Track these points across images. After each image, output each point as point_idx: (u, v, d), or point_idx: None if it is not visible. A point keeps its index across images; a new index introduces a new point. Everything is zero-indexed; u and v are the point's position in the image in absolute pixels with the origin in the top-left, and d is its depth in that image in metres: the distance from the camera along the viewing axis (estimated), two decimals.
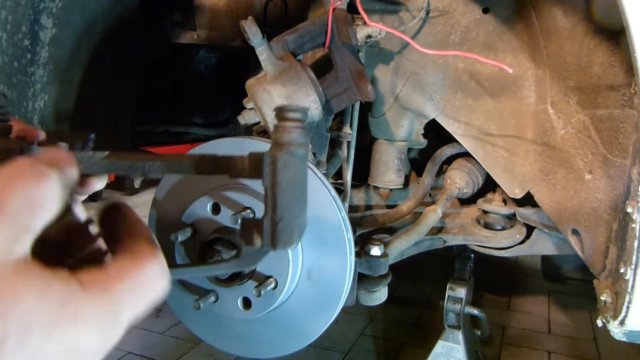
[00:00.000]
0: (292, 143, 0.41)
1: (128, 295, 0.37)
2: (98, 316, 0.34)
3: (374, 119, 1.44)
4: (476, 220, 1.51)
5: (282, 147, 0.41)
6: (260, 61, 1.01)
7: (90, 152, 0.44)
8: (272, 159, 0.41)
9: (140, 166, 0.44)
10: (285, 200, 0.42)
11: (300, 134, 0.42)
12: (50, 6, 1.08)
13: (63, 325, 0.32)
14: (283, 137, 0.41)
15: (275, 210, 0.42)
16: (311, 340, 0.98)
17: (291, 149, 0.41)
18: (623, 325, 0.92)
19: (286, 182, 0.41)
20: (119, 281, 0.37)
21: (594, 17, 1.03)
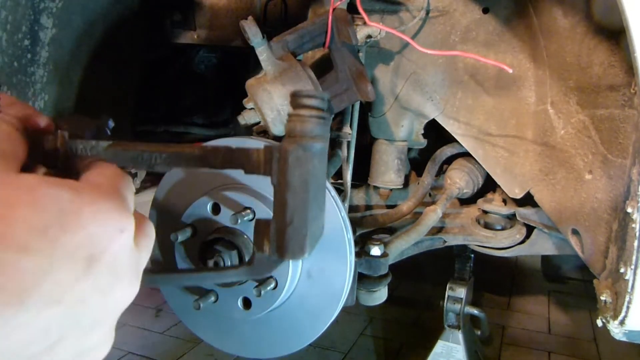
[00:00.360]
0: (307, 135, 0.36)
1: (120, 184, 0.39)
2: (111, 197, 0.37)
3: (374, 119, 1.44)
4: (476, 220, 1.51)
5: (295, 140, 0.36)
6: (260, 61, 1.01)
7: (93, 141, 0.41)
8: (282, 153, 0.36)
9: (146, 157, 0.41)
10: (296, 202, 0.36)
11: (318, 124, 0.36)
12: (50, 6, 1.08)
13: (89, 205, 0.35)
14: (296, 127, 0.36)
15: (284, 213, 0.36)
16: (311, 340, 0.98)
17: (305, 142, 0.36)
18: (623, 325, 0.92)
19: (298, 180, 0.36)
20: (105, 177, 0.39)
21: (594, 17, 1.03)
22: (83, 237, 0.34)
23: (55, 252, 0.32)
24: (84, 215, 0.34)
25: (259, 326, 0.99)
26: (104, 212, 0.36)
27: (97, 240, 0.35)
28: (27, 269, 0.30)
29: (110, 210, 0.36)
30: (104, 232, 0.35)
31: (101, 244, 0.35)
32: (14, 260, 0.30)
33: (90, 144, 0.41)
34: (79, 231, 0.33)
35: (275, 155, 0.36)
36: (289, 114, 0.37)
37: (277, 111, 1.00)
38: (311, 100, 0.37)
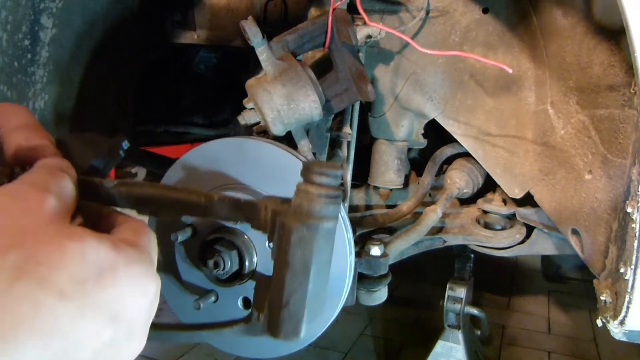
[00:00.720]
0: (314, 215, 0.32)
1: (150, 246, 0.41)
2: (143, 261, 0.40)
3: (374, 119, 1.44)
4: (476, 220, 1.51)
5: (301, 218, 0.32)
6: (260, 61, 1.01)
7: (98, 180, 0.41)
8: (285, 230, 0.33)
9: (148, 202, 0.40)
10: (295, 284, 0.33)
11: (328, 204, 0.33)
12: (50, 6, 1.07)
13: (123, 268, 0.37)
14: (303, 205, 0.33)
15: (281, 293, 0.33)
16: (311, 340, 0.98)
17: (311, 222, 0.32)
18: (623, 325, 0.92)
19: (299, 262, 0.33)
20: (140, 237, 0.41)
21: (594, 17, 1.03)
22: (113, 294, 0.36)
23: (86, 303, 0.35)
24: (119, 274, 0.37)
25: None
26: (135, 275, 0.38)
27: (124, 299, 0.37)
28: (59, 314, 0.33)
29: (140, 274, 0.39)
30: (131, 293, 0.38)
31: (126, 304, 0.37)
32: (50, 304, 0.33)
33: (95, 184, 0.41)
34: (111, 289, 0.36)
35: (277, 229, 0.33)
36: (297, 187, 0.34)
37: (277, 111, 1.00)
38: (323, 178, 0.34)
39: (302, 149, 1.07)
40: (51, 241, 0.34)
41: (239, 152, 0.94)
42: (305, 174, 0.34)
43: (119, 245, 0.38)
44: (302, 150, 1.06)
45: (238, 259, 0.92)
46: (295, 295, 0.33)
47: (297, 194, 0.33)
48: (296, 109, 0.99)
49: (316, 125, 1.16)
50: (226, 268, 0.90)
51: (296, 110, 0.99)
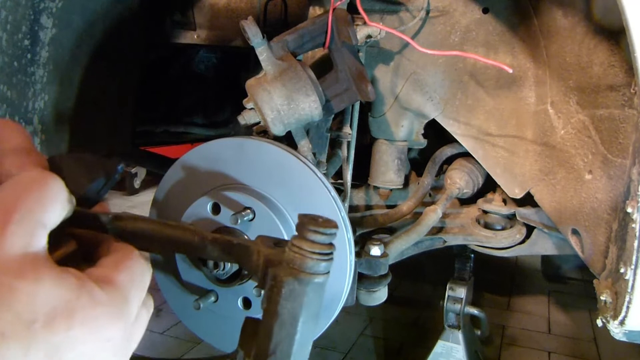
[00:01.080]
0: (307, 271, 0.33)
1: (129, 284, 0.39)
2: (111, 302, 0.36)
3: (374, 119, 1.44)
4: (476, 220, 1.51)
5: (293, 272, 0.33)
6: (260, 61, 1.01)
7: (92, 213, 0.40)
8: (277, 282, 0.33)
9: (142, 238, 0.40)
10: (282, 335, 0.34)
11: (321, 262, 0.33)
12: (50, 6, 1.08)
13: (82, 310, 0.34)
14: (296, 260, 0.33)
15: (269, 342, 0.34)
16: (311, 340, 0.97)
17: (303, 278, 0.33)
18: (623, 325, 0.92)
19: (288, 314, 0.34)
20: (118, 273, 0.39)
21: (594, 17, 1.03)
22: (63, 339, 0.33)
23: (31, 346, 0.32)
24: (75, 317, 0.34)
25: None
26: (96, 318, 0.35)
27: (80, 345, 0.34)
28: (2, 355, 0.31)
29: (103, 317, 0.36)
30: (90, 338, 0.35)
31: (83, 350, 0.34)
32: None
33: (91, 216, 0.40)
34: (63, 333, 0.33)
35: (268, 280, 0.34)
36: (291, 240, 0.34)
37: (277, 111, 1.00)
38: (317, 236, 0.33)
39: (302, 149, 1.07)
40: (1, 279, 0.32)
41: (239, 152, 0.94)
42: (299, 229, 0.34)
43: (84, 284, 0.35)
44: (302, 150, 1.06)
45: None
46: (282, 345, 0.34)
47: (290, 248, 0.33)
48: (296, 109, 0.99)
49: (316, 125, 1.16)
50: (226, 268, 0.90)
51: (296, 110, 0.99)
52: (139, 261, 0.41)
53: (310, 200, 0.93)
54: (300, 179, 0.93)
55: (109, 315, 0.36)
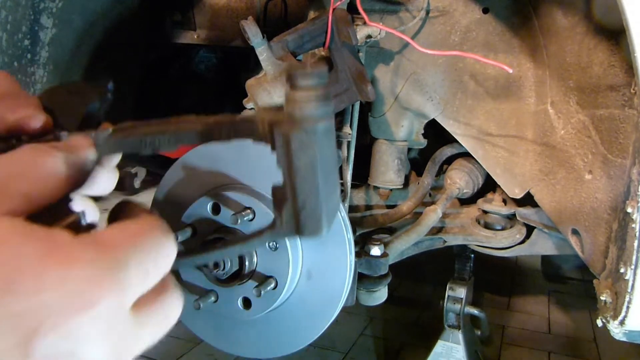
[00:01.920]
0: (309, 119, 0.33)
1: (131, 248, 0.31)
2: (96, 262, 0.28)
3: (374, 119, 1.44)
4: (476, 220, 1.51)
5: (296, 125, 0.33)
6: (260, 61, 1.01)
7: (92, 132, 0.38)
8: (285, 138, 0.33)
9: (149, 141, 0.39)
10: (307, 187, 0.35)
11: (319, 104, 0.33)
12: (50, 6, 1.08)
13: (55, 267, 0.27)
14: (295, 112, 0.33)
15: (296, 199, 0.35)
16: (311, 340, 0.98)
17: (308, 126, 0.33)
18: (623, 325, 0.92)
19: (305, 165, 0.34)
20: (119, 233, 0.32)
21: (594, 17, 1.03)
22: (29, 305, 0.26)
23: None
24: (45, 278, 0.27)
25: (259, 326, 0.99)
26: (72, 279, 0.27)
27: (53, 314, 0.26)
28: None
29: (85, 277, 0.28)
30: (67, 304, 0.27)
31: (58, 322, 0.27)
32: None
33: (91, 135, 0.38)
34: (26, 298, 0.26)
35: (277, 139, 0.34)
36: (286, 96, 0.33)
37: None
38: (308, 80, 0.33)
39: None
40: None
41: (239, 152, 0.94)
42: (290, 80, 0.33)
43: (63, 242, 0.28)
44: None
45: (238, 259, 0.92)
46: (310, 197, 0.35)
47: (287, 103, 0.33)
48: None
49: None
50: (226, 268, 0.90)
51: None
52: (155, 228, 0.33)
53: None
54: None
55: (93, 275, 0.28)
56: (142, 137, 0.39)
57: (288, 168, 0.34)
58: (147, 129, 0.39)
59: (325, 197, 0.36)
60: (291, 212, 0.36)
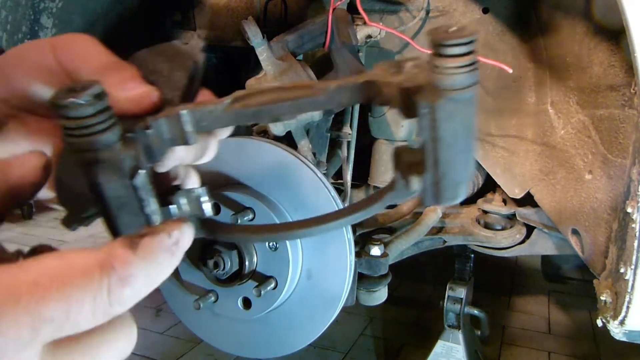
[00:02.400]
0: (457, 87, 0.32)
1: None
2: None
3: (374, 119, 1.44)
4: (476, 220, 1.51)
5: (444, 93, 0.32)
6: (260, 61, 1.01)
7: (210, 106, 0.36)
8: (431, 109, 0.32)
9: (268, 111, 0.37)
10: (449, 156, 0.34)
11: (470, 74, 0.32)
12: (50, 6, 1.08)
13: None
14: (444, 81, 0.32)
15: (437, 167, 0.35)
16: (311, 340, 0.98)
17: (456, 95, 0.32)
18: (623, 325, 0.92)
19: (449, 135, 0.33)
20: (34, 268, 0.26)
21: (594, 17, 1.03)
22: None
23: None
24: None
25: (259, 326, 0.99)
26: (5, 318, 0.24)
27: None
28: None
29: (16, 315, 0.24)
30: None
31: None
32: None
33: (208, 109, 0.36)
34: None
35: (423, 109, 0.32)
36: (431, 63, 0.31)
37: None
38: (459, 49, 0.31)
39: (302, 149, 1.07)
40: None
41: (239, 152, 0.94)
42: (436, 46, 0.31)
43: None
44: (302, 150, 1.06)
45: (238, 259, 0.92)
46: (451, 165, 0.34)
47: (433, 70, 0.32)
48: None
49: (316, 125, 1.16)
50: (226, 268, 0.90)
51: None
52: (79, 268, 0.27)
53: (310, 200, 0.93)
54: (300, 179, 0.93)
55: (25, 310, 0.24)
56: (260, 106, 0.37)
57: (433, 136, 0.33)
58: (265, 97, 0.37)
59: (465, 165, 0.35)
60: (431, 180, 0.35)
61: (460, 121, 0.33)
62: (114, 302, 0.27)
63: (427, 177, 0.35)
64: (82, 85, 0.31)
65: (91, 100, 0.31)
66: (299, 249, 0.92)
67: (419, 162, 0.36)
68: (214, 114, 0.36)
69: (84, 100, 0.31)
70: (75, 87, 0.31)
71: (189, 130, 0.36)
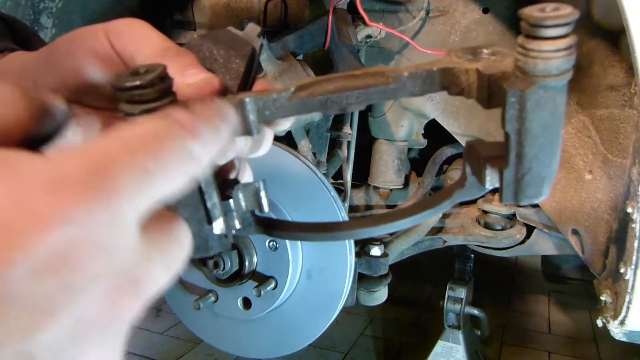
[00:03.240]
0: (551, 74, 0.29)
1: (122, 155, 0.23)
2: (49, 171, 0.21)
3: (374, 119, 1.44)
4: (476, 220, 1.51)
5: (537, 80, 0.29)
6: (260, 61, 1.01)
7: (274, 94, 0.34)
8: (520, 97, 0.29)
9: (335, 100, 0.35)
10: (536, 149, 0.31)
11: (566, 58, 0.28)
12: (50, 6, 1.08)
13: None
14: (537, 65, 0.28)
15: (522, 161, 0.32)
16: (311, 340, 0.98)
17: (548, 82, 0.29)
18: (623, 325, 0.92)
19: (538, 126, 0.30)
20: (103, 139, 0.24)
21: (594, 17, 1.03)
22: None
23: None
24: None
25: (259, 326, 0.99)
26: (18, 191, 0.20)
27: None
28: None
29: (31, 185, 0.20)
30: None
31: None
32: None
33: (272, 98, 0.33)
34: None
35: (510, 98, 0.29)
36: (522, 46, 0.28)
37: None
38: (560, 30, 0.28)
39: (302, 149, 1.07)
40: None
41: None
42: (529, 29, 0.28)
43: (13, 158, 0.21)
44: (302, 150, 1.06)
45: (238, 259, 0.92)
46: (537, 159, 0.32)
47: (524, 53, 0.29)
48: None
49: (316, 125, 1.16)
50: (226, 268, 0.90)
51: None
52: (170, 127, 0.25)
53: (310, 200, 0.93)
54: (300, 179, 0.93)
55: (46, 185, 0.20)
56: (327, 95, 0.35)
57: (520, 127, 0.31)
58: (333, 85, 0.35)
59: (552, 159, 0.32)
60: (514, 175, 0.33)
61: (552, 111, 0.30)
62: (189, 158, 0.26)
63: (508, 171, 0.33)
64: (147, 68, 0.29)
65: (157, 82, 0.29)
66: (299, 249, 0.92)
67: (498, 156, 0.33)
68: (277, 102, 0.34)
69: (148, 82, 0.29)
70: (139, 70, 0.29)
71: (253, 119, 0.33)
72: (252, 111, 0.33)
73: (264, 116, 0.34)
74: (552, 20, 0.28)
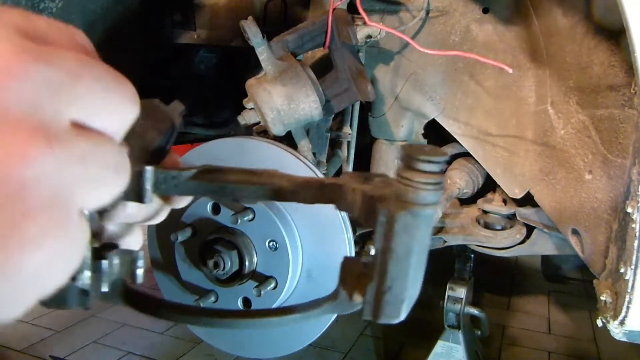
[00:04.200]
0: (420, 203, 0.32)
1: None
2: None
3: (374, 119, 1.44)
4: (476, 220, 1.51)
5: (405, 205, 0.32)
6: (260, 61, 1.01)
7: (175, 171, 0.36)
8: (389, 218, 0.32)
9: (232, 190, 0.37)
10: (398, 270, 0.34)
11: (433, 192, 0.32)
12: (50, 6, 1.08)
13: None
14: (407, 194, 0.32)
15: (384, 280, 0.34)
16: (311, 340, 0.98)
17: (416, 210, 0.32)
18: (623, 325, 0.92)
19: (403, 249, 0.33)
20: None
21: (594, 17, 1.03)
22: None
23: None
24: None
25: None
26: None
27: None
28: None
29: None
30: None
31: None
32: None
33: (172, 174, 0.36)
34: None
35: (380, 218, 0.33)
36: (399, 174, 0.32)
37: (277, 111, 1.00)
38: (430, 166, 0.32)
39: (302, 149, 1.07)
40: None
41: (239, 152, 0.94)
42: (406, 160, 0.32)
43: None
44: (302, 150, 1.06)
45: (238, 259, 0.92)
46: (398, 280, 0.34)
47: (400, 181, 0.32)
48: (296, 109, 0.99)
49: (316, 125, 1.16)
50: (226, 268, 0.90)
51: (296, 110, 0.99)
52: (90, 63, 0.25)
53: None
54: None
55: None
56: (225, 184, 0.37)
57: (385, 248, 0.33)
58: (232, 176, 0.38)
59: (413, 283, 0.35)
60: (375, 292, 0.35)
61: (417, 237, 0.33)
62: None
63: (371, 288, 0.35)
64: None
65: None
66: (299, 249, 0.92)
67: (366, 274, 0.35)
68: (177, 179, 0.36)
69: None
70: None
71: (147, 188, 0.35)
72: (149, 180, 0.35)
73: (161, 189, 0.36)
74: (426, 156, 0.32)
